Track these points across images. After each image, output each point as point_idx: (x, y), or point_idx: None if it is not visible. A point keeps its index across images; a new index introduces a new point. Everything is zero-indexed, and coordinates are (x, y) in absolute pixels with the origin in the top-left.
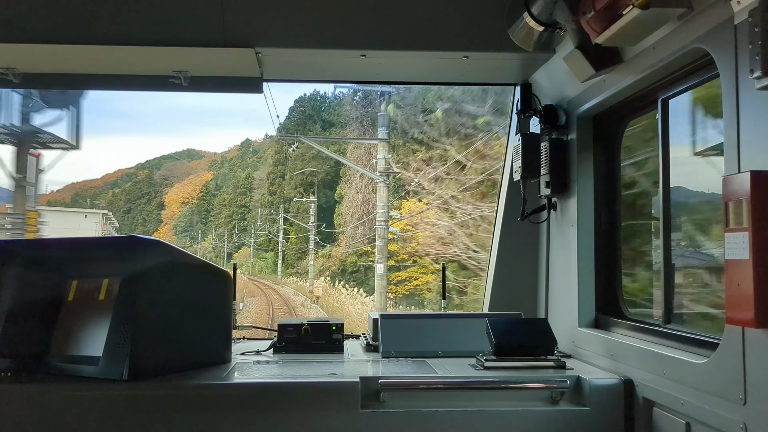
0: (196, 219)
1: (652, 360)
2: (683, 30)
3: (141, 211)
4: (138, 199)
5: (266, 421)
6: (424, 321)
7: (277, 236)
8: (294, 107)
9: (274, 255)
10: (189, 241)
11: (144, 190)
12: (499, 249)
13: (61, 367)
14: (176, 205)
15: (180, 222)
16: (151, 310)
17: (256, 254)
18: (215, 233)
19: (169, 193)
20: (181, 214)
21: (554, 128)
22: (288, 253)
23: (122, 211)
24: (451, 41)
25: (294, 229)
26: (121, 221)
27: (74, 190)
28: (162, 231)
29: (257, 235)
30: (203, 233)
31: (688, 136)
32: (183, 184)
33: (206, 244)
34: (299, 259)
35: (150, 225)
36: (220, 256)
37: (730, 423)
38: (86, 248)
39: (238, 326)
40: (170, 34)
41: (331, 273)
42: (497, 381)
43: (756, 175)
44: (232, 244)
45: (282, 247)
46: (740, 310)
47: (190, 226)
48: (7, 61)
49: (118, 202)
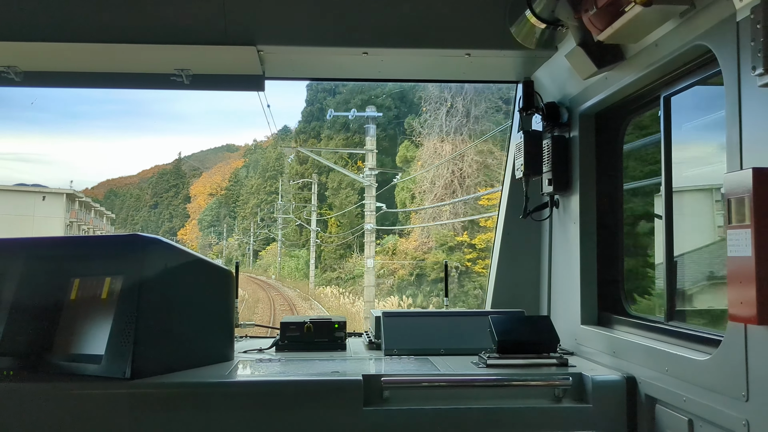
0: (223, 212)
1: (654, 357)
2: (685, 27)
3: (168, 205)
4: (165, 192)
5: (269, 419)
6: (426, 318)
7: (309, 223)
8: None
9: (307, 252)
10: (215, 237)
11: (171, 182)
12: (502, 246)
13: (63, 365)
14: (203, 197)
15: (205, 216)
16: (154, 309)
17: (287, 250)
18: (241, 227)
19: (195, 183)
20: (207, 207)
21: (556, 126)
22: (325, 249)
23: (149, 206)
24: (453, 39)
25: (334, 212)
26: (147, 217)
27: (109, 186)
28: (189, 228)
29: (284, 225)
30: (230, 228)
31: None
32: (210, 173)
33: (233, 241)
34: (341, 258)
35: (177, 221)
36: (247, 254)
37: (732, 420)
38: (88, 247)
39: (241, 324)
40: (172, 32)
41: (400, 282)
42: (500, 378)
43: (758, 172)
44: (259, 240)
45: (316, 239)
46: (743, 307)
47: (216, 221)
48: (9, 59)
49: (144, 196)
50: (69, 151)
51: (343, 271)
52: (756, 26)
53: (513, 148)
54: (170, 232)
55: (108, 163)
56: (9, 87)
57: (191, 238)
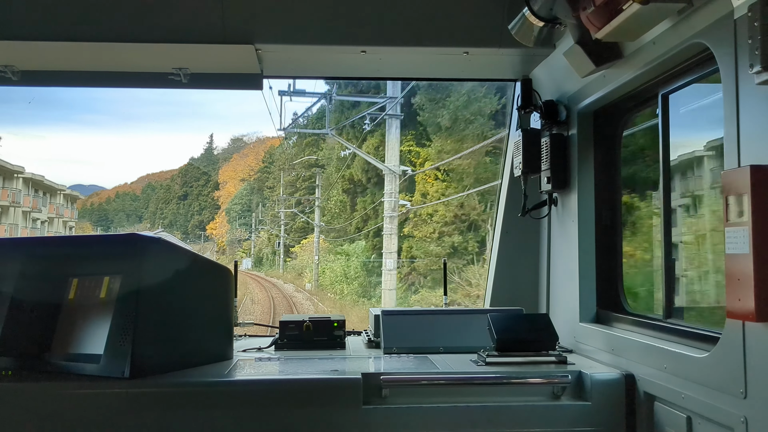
0: (255, 200)
1: (653, 354)
2: (683, 25)
3: (197, 196)
4: (195, 181)
5: (268, 418)
6: (425, 317)
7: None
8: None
9: (369, 246)
10: (245, 232)
11: (202, 169)
12: (500, 244)
13: (62, 365)
14: (233, 183)
15: (234, 205)
16: (152, 308)
17: (333, 245)
18: (270, 214)
19: (225, 167)
20: (237, 194)
21: (555, 124)
22: (417, 235)
23: (177, 197)
24: (452, 37)
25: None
26: (176, 210)
27: (147, 180)
28: (219, 220)
29: (326, 202)
30: (260, 219)
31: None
32: (241, 154)
33: (264, 234)
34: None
35: (206, 213)
36: (278, 252)
37: (730, 417)
38: (87, 246)
39: (240, 323)
40: (170, 31)
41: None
42: (499, 376)
43: (756, 169)
44: (295, 232)
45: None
46: (741, 304)
47: (247, 210)
48: (6, 58)
49: (174, 186)
50: (122, 150)
51: (466, 286)
52: (753, 24)
53: (511, 146)
54: (200, 226)
55: (150, 159)
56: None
57: (221, 233)
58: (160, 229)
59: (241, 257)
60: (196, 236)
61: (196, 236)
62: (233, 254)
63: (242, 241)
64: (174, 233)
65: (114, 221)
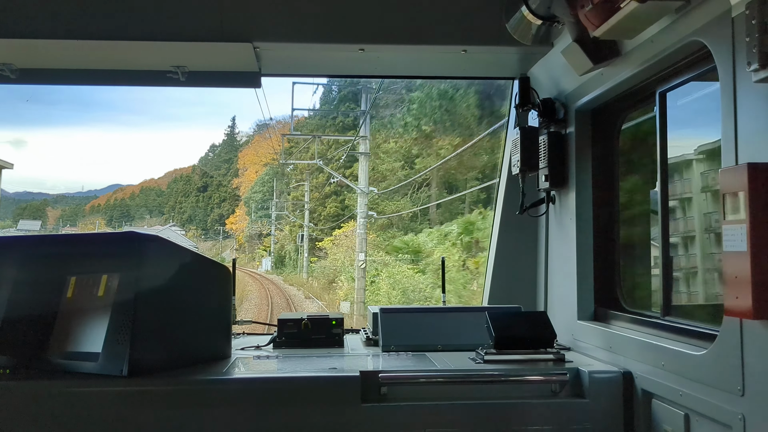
0: (280, 185)
1: (650, 352)
2: (681, 23)
3: (218, 187)
4: (215, 170)
5: (267, 417)
6: (423, 315)
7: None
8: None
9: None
10: (266, 223)
11: (223, 156)
12: (498, 242)
13: (60, 363)
14: (255, 169)
15: (254, 194)
16: (151, 306)
17: (384, 237)
18: (291, 196)
19: (245, 150)
20: (257, 180)
21: (553, 122)
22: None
23: (196, 189)
24: (450, 35)
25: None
26: (195, 203)
27: (174, 175)
28: (240, 213)
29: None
30: (282, 206)
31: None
32: (262, 136)
33: (287, 228)
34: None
35: (226, 205)
36: (301, 249)
37: (728, 414)
38: (85, 244)
39: (238, 321)
40: (168, 29)
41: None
42: (497, 374)
43: (753, 167)
44: (324, 220)
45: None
46: (738, 301)
47: (269, 197)
48: (4, 56)
49: (194, 177)
50: (151, 147)
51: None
52: (751, 22)
53: (509, 144)
54: (219, 221)
55: (178, 154)
56: (5, 84)
57: (240, 228)
58: (171, 223)
59: (261, 255)
60: (215, 232)
61: (215, 232)
62: (252, 252)
63: (263, 237)
64: (191, 228)
65: (135, 217)
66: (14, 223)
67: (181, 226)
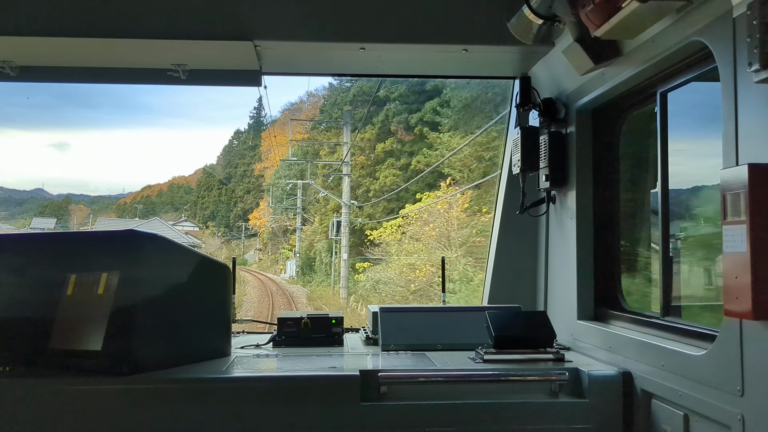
0: (310, 170)
1: (650, 352)
2: (682, 23)
3: (241, 178)
4: (239, 159)
5: (266, 415)
6: (423, 314)
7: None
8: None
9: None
10: (293, 216)
11: (248, 143)
12: (499, 242)
13: (60, 361)
14: (281, 151)
15: (279, 179)
16: (150, 304)
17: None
18: (322, 170)
19: (268, 130)
20: (282, 164)
21: (553, 121)
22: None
23: (219, 181)
24: (451, 34)
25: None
26: (217, 197)
27: (203, 171)
28: (264, 206)
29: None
30: (314, 190)
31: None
32: (291, 112)
33: (317, 221)
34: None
35: (250, 198)
36: (337, 247)
37: (728, 414)
38: (85, 242)
39: (238, 320)
40: (169, 27)
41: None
42: (497, 374)
43: (754, 167)
44: (376, 196)
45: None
46: (738, 302)
47: (297, 187)
48: (4, 54)
49: (217, 167)
50: (185, 146)
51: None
52: (752, 22)
53: (510, 143)
54: (242, 216)
55: (208, 151)
56: (4, 82)
57: (263, 223)
58: (183, 218)
59: (286, 257)
60: (238, 229)
61: (238, 229)
62: (275, 252)
63: (289, 234)
64: (211, 226)
65: (158, 214)
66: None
67: (195, 221)
